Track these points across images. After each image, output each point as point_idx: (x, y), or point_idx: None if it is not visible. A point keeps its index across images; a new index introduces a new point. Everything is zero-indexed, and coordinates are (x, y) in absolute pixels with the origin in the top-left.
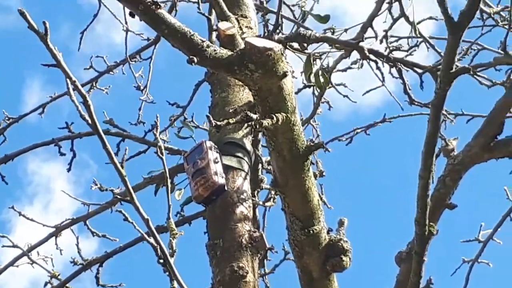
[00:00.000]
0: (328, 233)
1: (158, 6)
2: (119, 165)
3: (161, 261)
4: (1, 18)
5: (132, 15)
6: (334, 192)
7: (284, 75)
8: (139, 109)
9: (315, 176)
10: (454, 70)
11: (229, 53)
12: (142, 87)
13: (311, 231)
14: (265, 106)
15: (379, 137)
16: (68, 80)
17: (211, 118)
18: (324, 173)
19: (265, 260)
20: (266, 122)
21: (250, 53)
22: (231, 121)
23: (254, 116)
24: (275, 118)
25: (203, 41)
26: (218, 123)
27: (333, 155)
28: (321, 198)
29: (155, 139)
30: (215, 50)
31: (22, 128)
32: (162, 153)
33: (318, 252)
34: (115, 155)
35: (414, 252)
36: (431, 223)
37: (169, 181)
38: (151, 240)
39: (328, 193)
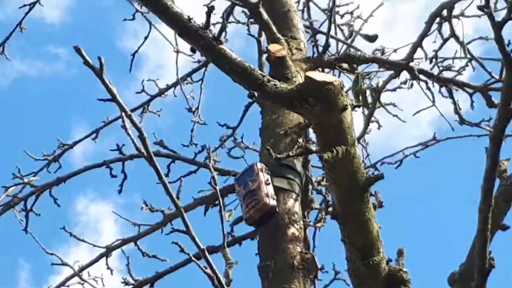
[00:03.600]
0: (387, 263)
1: (219, 42)
2: (175, 198)
3: None
4: (50, 66)
5: (193, 50)
6: (384, 215)
7: (344, 108)
8: (191, 131)
9: (374, 207)
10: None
11: (289, 87)
12: (193, 109)
13: (371, 262)
14: (324, 139)
15: (429, 159)
16: (123, 113)
17: (271, 151)
18: (383, 204)
19: (315, 280)
20: (326, 155)
21: (310, 88)
22: (291, 153)
23: (314, 149)
24: (335, 151)
25: (263, 76)
26: (279, 156)
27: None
28: None
29: (204, 160)
30: (275, 85)
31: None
32: (216, 184)
33: (377, 283)
34: (165, 176)
35: (475, 285)
36: (491, 256)
37: (223, 212)
38: (208, 270)
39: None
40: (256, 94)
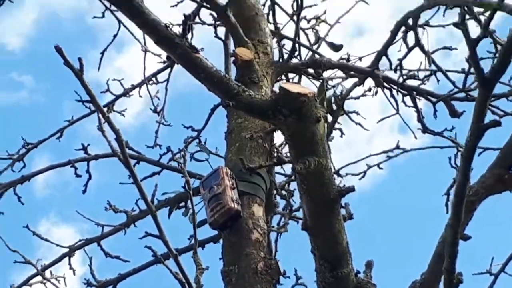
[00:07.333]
0: (356, 275)
1: (196, 51)
2: (150, 203)
3: None
4: (12, 94)
5: (169, 58)
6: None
7: (318, 120)
8: (156, 132)
9: (344, 219)
10: (484, 123)
11: (263, 98)
12: (158, 109)
13: (340, 274)
14: (297, 150)
15: (391, 166)
16: (101, 115)
17: (244, 161)
18: (353, 216)
19: (277, 286)
20: (299, 167)
21: (284, 99)
22: (263, 164)
23: (286, 160)
24: (307, 163)
25: (238, 86)
26: (252, 166)
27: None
28: None
29: (168, 162)
30: (250, 95)
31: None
32: (189, 188)
33: None
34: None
35: None
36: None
37: (196, 216)
38: (180, 276)
39: None
40: (231, 103)
